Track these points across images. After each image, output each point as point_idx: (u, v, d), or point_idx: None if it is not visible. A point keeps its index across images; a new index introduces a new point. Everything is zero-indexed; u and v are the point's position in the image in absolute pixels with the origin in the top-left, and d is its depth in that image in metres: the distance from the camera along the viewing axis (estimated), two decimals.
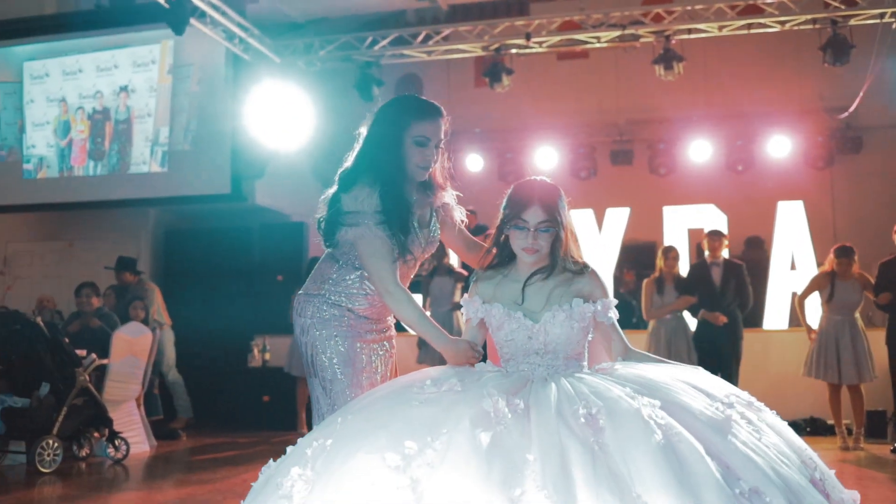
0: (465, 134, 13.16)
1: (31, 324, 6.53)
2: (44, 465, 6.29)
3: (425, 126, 3.06)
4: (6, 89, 11.36)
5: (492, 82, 9.10)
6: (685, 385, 2.65)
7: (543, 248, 2.83)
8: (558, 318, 2.82)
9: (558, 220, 2.84)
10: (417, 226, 3.10)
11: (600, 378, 2.67)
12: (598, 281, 2.92)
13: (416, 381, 2.66)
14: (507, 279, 2.94)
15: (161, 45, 10.66)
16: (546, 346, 2.83)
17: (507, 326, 2.87)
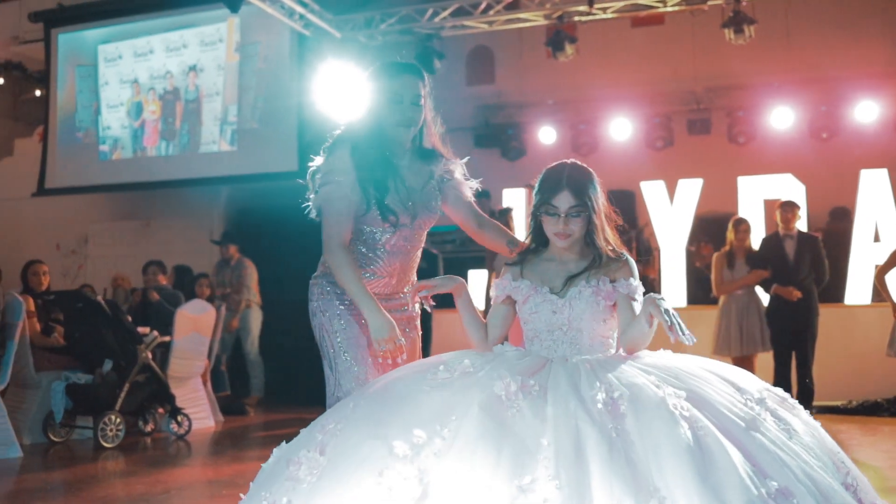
0: (538, 106, 12.93)
1: (93, 302, 6.65)
2: (107, 441, 6.41)
3: (397, 83, 3.00)
4: (82, 72, 11.61)
5: (555, 51, 8.85)
6: (715, 377, 2.51)
7: (575, 233, 2.75)
8: (584, 294, 2.72)
9: (589, 205, 2.73)
10: (406, 189, 2.99)
11: (625, 363, 2.55)
12: (629, 268, 2.79)
13: (431, 366, 2.58)
14: (539, 258, 2.86)
15: (228, 24, 10.72)
16: (570, 322, 2.72)
17: (532, 300, 2.78)
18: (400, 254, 3.04)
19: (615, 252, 2.81)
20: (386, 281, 3.04)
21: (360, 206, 2.95)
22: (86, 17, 11.43)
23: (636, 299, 2.74)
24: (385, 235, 2.99)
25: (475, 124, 13.31)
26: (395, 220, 2.95)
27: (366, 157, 2.96)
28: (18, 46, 12.23)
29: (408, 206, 2.99)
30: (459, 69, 13.52)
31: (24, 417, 6.66)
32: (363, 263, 3.01)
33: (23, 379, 6.67)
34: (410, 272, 3.12)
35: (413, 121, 3.02)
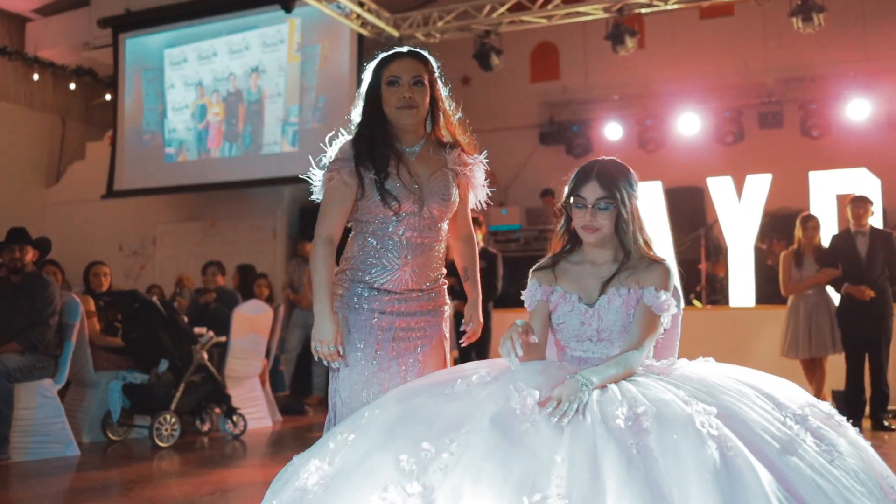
0: (603, 102, 12.71)
1: (149, 303, 6.71)
2: (162, 440, 6.46)
3: (393, 66, 2.93)
4: (148, 76, 11.82)
5: (615, 45, 8.63)
6: (753, 392, 2.34)
7: (604, 228, 2.62)
8: (614, 304, 2.60)
9: (618, 197, 2.59)
10: (410, 175, 2.90)
11: (654, 378, 2.40)
12: (665, 276, 2.64)
13: (450, 377, 2.47)
14: (571, 261, 2.75)
15: (289, 25, 10.77)
16: (599, 332, 2.61)
17: (560, 308, 2.67)
18: (412, 247, 2.91)
19: (653, 256, 2.68)
20: (399, 276, 2.91)
21: (359, 191, 2.88)
22: (152, 22, 11.64)
23: (660, 314, 2.59)
24: (394, 226, 2.89)
25: (539, 121, 13.17)
26: (398, 205, 2.85)
27: (366, 141, 2.90)
28: (89, 52, 12.52)
29: (413, 190, 2.88)
30: (523, 66, 13.38)
31: (84, 416, 6.75)
32: (374, 257, 2.91)
33: (83, 378, 6.77)
34: (428, 269, 2.97)
35: (413, 101, 2.90)
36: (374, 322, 2.90)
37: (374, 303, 2.90)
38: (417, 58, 2.98)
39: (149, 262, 11.60)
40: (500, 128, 13.26)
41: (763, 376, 2.51)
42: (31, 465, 5.75)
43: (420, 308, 2.96)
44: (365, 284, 2.91)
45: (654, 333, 2.60)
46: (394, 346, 2.92)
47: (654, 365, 2.58)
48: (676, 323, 2.94)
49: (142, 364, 6.77)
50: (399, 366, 2.92)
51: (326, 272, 2.86)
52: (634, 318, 2.60)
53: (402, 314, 2.93)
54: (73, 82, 12.81)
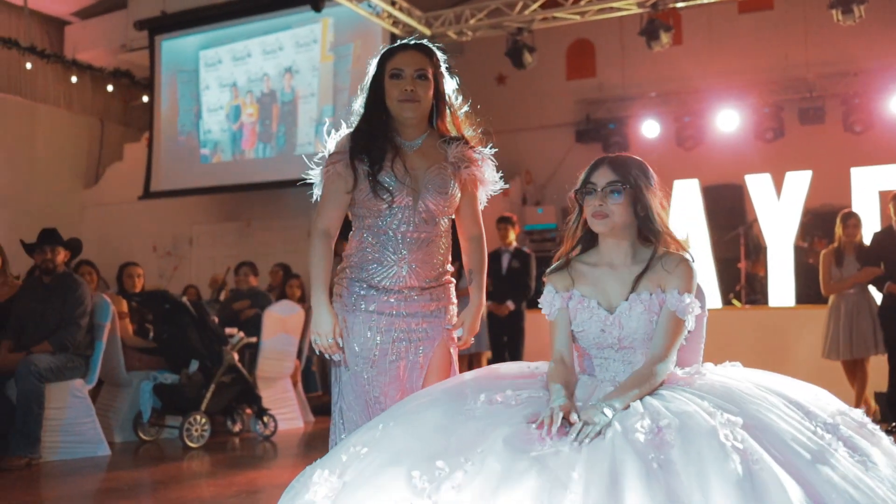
0: (640, 99, 12.54)
1: (179, 303, 6.72)
2: (192, 440, 6.46)
3: (397, 58, 2.89)
4: (183, 78, 11.89)
5: (649, 41, 8.48)
6: (781, 400, 2.23)
7: (614, 215, 2.46)
8: (635, 310, 2.46)
9: (631, 182, 2.46)
10: (405, 168, 2.84)
11: (677, 389, 2.29)
12: (688, 276, 2.49)
13: (472, 392, 2.36)
14: (586, 264, 2.60)
15: (321, 25, 10.77)
16: (621, 340, 2.48)
17: (579, 315, 2.53)
18: (409, 242, 2.86)
19: (675, 251, 2.52)
20: (395, 272, 2.86)
21: (353, 184, 2.84)
22: (187, 24, 11.71)
23: (684, 318, 2.45)
24: (388, 220, 2.84)
25: (576, 119, 13.04)
26: (390, 197, 2.80)
27: (364, 135, 2.86)
28: (126, 54, 12.64)
29: (406, 182, 2.82)
30: (559, 64, 13.26)
31: (116, 416, 6.79)
32: (371, 253, 2.87)
33: (115, 378, 6.80)
34: (427, 265, 2.90)
35: (415, 95, 2.85)
36: (373, 324, 2.86)
37: (372, 303, 2.86)
38: (422, 50, 2.93)
39: (182, 263, 11.66)
40: (536, 126, 13.16)
41: (792, 383, 2.39)
42: (61, 465, 5.79)
43: (421, 308, 2.89)
44: (363, 282, 2.87)
45: (679, 340, 2.48)
46: (393, 349, 2.87)
47: (678, 373, 2.46)
48: (701, 325, 2.83)
49: (172, 364, 6.78)
50: (398, 369, 2.87)
51: (323, 265, 2.85)
52: (658, 325, 2.46)
53: (401, 315, 2.87)
54: (110, 84, 12.94)
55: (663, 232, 2.52)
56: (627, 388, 2.27)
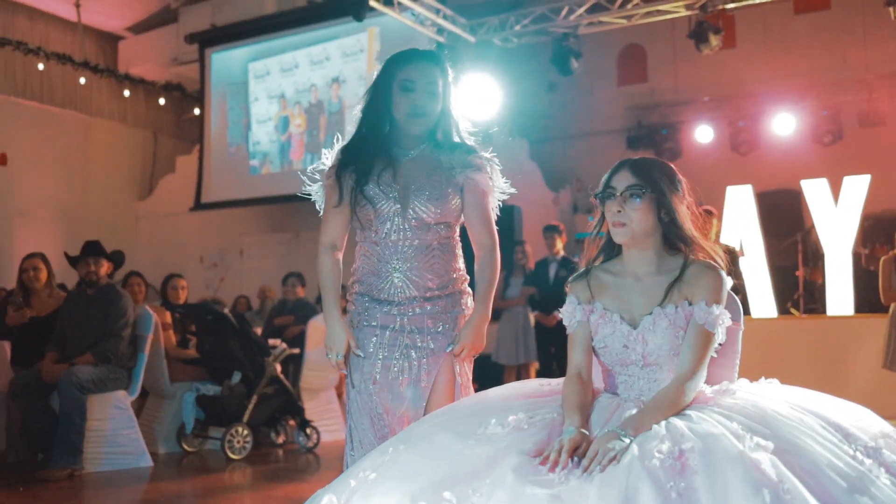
0: (693, 104, 12.32)
1: (221, 315, 6.71)
2: (234, 452, 6.44)
3: (409, 70, 2.79)
4: (232, 90, 11.99)
5: (698, 44, 8.26)
6: (817, 421, 2.06)
7: (633, 223, 2.30)
8: (660, 325, 2.29)
9: (653, 188, 2.31)
10: (393, 179, 2.77)
11: (706, 410, 2.12)
12: (717, 285, 2.31)
13: (484, 415, 2.23)
14: (609, 273, 2.44)
15: (368, 34, 10.76)
16: (645, 357, 2.31)
17: (601, 330, 2.37)
18: (401, 250, 2.79)
19: (703, 259, 2.35)
20: (391, 281, 2.79)
21: (337, 199, 2.81)
22: (236, 36, 11.81)
23: (714, 331, 2.27)
24: (378, 228, 2.79)
25: (627, 125, 12.87)
26: (372, 209, 2.76)
27: (354, 150, 2.82)
28: (177, 67, 12.80)
29: (392, 191, 2.76)
30: (610, 69, 13.10)
31: (160, 427, 6.80)
32: (369, 264, 2.83)
33: (159, 389, 6.82)
34: (427, 273, 2.81)
35: (426, 110, 2.78)
36: (376, 339, 2.79)
37: (375, 317, 2.80)
38: (434, 62, 2.85)
39: (229, 273, 11.74)
40: (587, 133, 13.02)
41: (831, 402, 2.22)
42: (104, 476, 5.80)
43: (428, 324, 2.80)
44: (366, 295, 2.82)
45: (708, 354, 2.30)
46: (396, 365, 2.79)
47: (706, 391, 2.29)
48: (735, 338, 2.66)
49: (215, 376, 6.78)
50: (401, 385, 2.78)
51: (332, 279, 2.84)
52: (686, 340, 2.27)
53: (405, 331, 2.79)
54: (162, 97, 13.11)
55: (692, 239, 2.36)
56: (650, 412, 2.12)
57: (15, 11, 11.81)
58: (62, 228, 10.86)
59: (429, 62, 2.82)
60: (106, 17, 12.54)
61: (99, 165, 12.72)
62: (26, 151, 11.63)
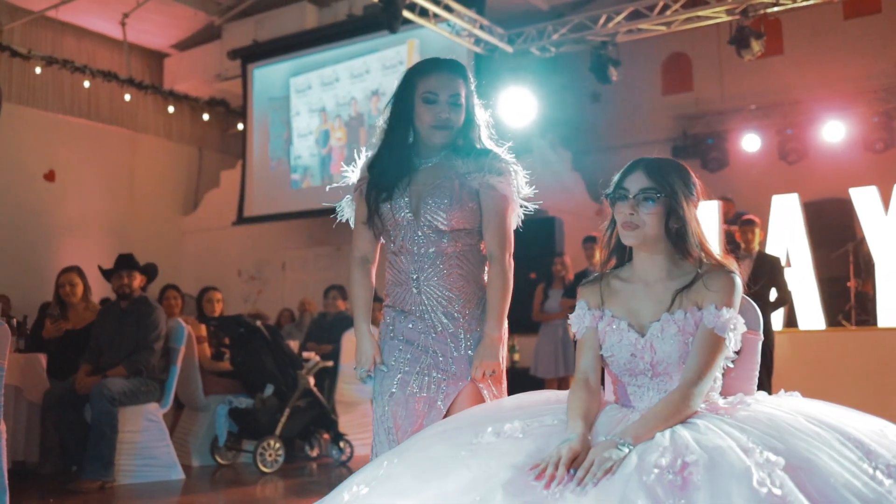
0: (740, 112, 12.07)
1: (253, 327, 6.70)
2: (265, 465, 6.41)
3: (432, 81, 2.73)
4: (274, 104, 12.07)
5: (739, 50, 8.06)
6: (835, 436, 1.92)
7: (646, 226, 2.19)
8: (668, 332, 2.18)
9: (668, 192, 2.19)
10: (408, 186, 2.74)
11: (715, 420, 2.00)
12: (728, 288, 2.20)
13: (480, 423, 2.15)
14: (620, 280, 2.34)
15: (407, 46, 10.75)
16: (654, 367, 2.20)
17: (609, 339, 2.28)
18: (415, 258, 2.74)
19: (717, 262, 2.24)
20: (407, 289, 2.75)
21: (365, 213, 2.81)
22: (278, 51, 11.90)
23: (724, 335, 2.14)
24: (395, 235, 2.77)
25: (673, 135, 12.65)
26: (388, 219, 2.75)
27: (380, 164, 2.80)
28: (221, 83, 12.94)
29: (405, 198, 2.73)
30: (654, 78, 12.91)
31: (194, 440, 6.80)
32: (392, 273, 2.81)
33: (193, 402, 6.83)
34: (441, 283, 2.74)
35: (450, 122, 2.73)
36: (399, 354, 2.75)
37: (401, 332, 2.76)
38: (456, 72, 2.79)
39: (269, 286, 11.77)
40: (632, 143, 12.82)
41: (854, 416, 2.07)
42: (135, 488, 5.80)
43: (451, 343, 2.73)
44: (392, 308, 2.79)
45: (717, 360, 2.16)
46: (414, 381, 2.73)
47: (719, 402, 2.17)
48: (754, 349, 2.53)
49: (249, 388, 6.77)
50: (417, 403, 2.71)
51: (362, 293, 2.83)
52: (694, 344, 2.16)
53: (430, 350, 2.72)
54: (206, 113, 13.26)
55: (700, 250, 2.24)
56: (653, 420, 2.01)
57: (64, 31, 12.04)
58: (109, 243, 11.01)
59: (451, 72, 2.77)
60: (152, 35, 12.74)
61: (145, 181, 12.90)
62: (74, 168, 11.84)
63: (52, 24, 11.71)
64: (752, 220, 7.50)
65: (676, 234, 2.22)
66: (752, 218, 7.54)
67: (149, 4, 11.58)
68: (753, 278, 7.36)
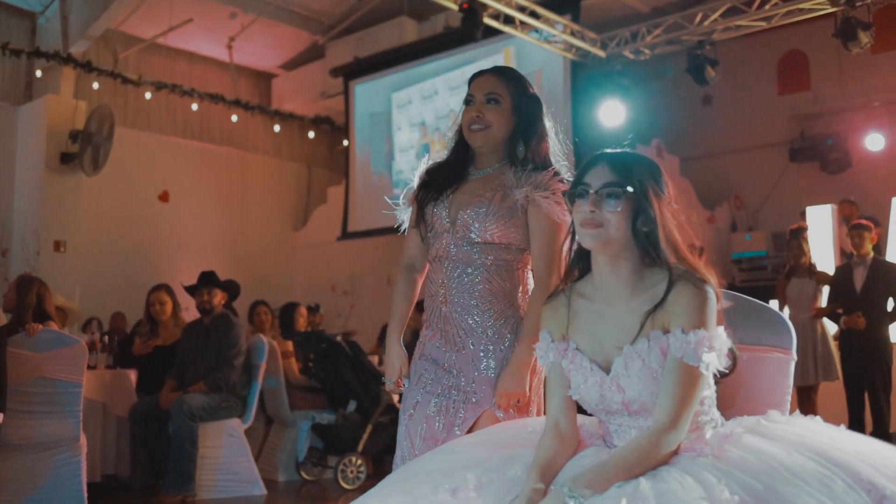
0: (862, 110, 11.35)
1: (334, 343, 6.69)
2: (347, 482, 6.36)
3: (472, 84, 2.68)
4: (376, 119, 12.14)
5: (845, 42, 7.53)
6: (842, 477, 1.63)
7: (609, 226, 1.87)
8: (633, 368, 1.86)
9: (636, 187, 1.89)
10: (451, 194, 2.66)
11: (692, 464, 1.72)
12: (697, 302, 1.83)
13: (448, 468, 1.93)
14: (582, 297, 2.01)
15: (504, 55, 10.60)
16: (627, 406, 1.89)
17: (573, 377, 1.97)
18: (444, 262, 2.63)
19: (688, 268, 1.89)
20: (434, 304, 2.67)
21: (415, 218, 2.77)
22: (378, 67, 11.96)
23: (697, 365, 1.79)
24: (434, 244, 2.69)
25: (789, 137, 12.03)
26: (430, 223, 2.70)
27: (436, 168, 2.77)
28: (325, 101, 13.12)
29: (444, 205, 2.65)
30: (769, 79, 12.32)
31: (280, 455, 6.84)
32: (428, 288, 2.72)
33: (281, 418, 6.88)
34: (463, 292, 2.59)
35: (483, 120, 2.61)
36: (424, 374, 2.65)
37: (428, 350, 2.67)
38: (498, 73, 2.70)
39: (359, 301, 11.78)
40: (746, 148, 12.27)
41: (878, 451, 1.75)
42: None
43: (473, 362, 2.58)
44: (427, 322, 2.71)
45: (694, 395, 1.81)
46: (433, 403, 2.61)
47: (706, 436, 1.85)
48: (785, 371, 2.25)
49: (333, 404, 6.76)
50: (434, 425, 2.57)
51: (399, 302, 2.76)
52: (663, 379, 1.81)
53: (451, 370, 2.60)
54: (312, 131, 13.48)
55: (678, 256, 1.91)
56: (612, 468, 1.73)
57: (175, 57, 12.50)
58: (222, 261, 11.30)
59: (493, 74, 2.70)
60: (259, 56, 13.06)
61: (256, 199, 13.21)
62: (187, 188, 12.23)
63: (164, 50, 12.17)
64: (862, 223, 7.00)
65: (647, 238, 1.89)
66: (861, 222, 7.05)
67: (254, 27, 11.86)
68: (867, 287, 6.86)
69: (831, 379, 7.08)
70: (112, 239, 11.22)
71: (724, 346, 1.86)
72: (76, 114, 10.48)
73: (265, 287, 11.17)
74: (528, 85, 2.73)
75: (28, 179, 10.63)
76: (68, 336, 5.17)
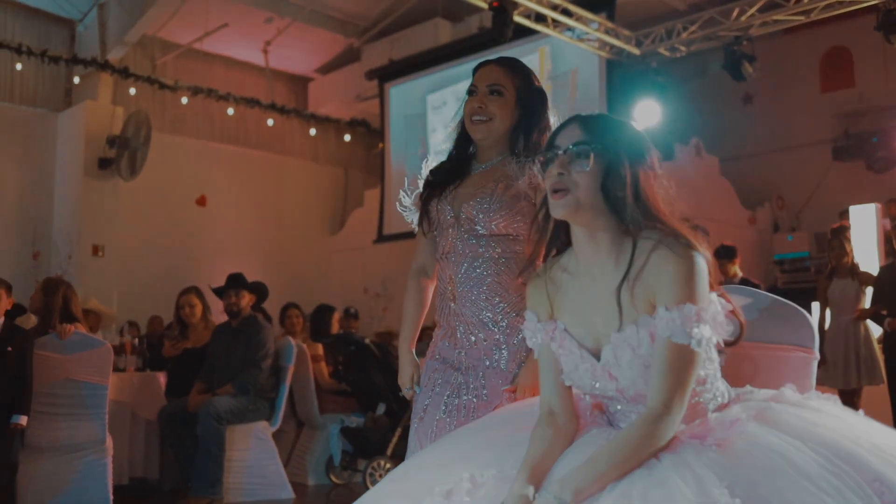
0: None
1: (363, 345, 6.63)
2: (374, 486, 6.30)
3: (475, 76, 2.59)
4: (411, 122, 12.10)
5: (887, 36, 7.31)
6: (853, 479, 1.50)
7: (580, 188, 1.70)
8: (623, 358, 1.70)
9: (606, 142, 1.72)
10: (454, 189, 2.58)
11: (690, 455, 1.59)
12: (683, 272, 1.64)
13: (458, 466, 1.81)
14: (565, 272, 1.84)
15: (539, 54, 10.49)
16: (622, 393, 1.75)
17: (564, 362, 1.82)
18: (450, 256, 2.54)
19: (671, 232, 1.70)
20: (444, 302, 2.58)
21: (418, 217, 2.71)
22: (413, 69, 11.93)
23: (688, 342, 1.62)
24: (440, 241, 2.60)
25: (833, 135, 11.77)
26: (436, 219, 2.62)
27: (441, 166, 2.72)
28: (361, 104, 13.13)
29: (447, 200, 2.58)
30: (812, 76, 12.07)
31: (310, 458, 6.79)
32: (439, 287, 2.63)
33: (311, 421, 6.83)
34: (471, 285, 2.50)
35: (484, 111, 2.53)
36: (434, 375, 2.57)
37: (439, 351, 2.59)
38: (504, 64, 2.61)
39: (391, 304, 11.68)
40: (788, 146, 12.03)
41: (889, 446, 1.60)
42: None
43: (484, 354, 2.50)
44: (440, 321, 2.64)
45: (688, 377, 1.64)
46: (443, 405, 2.52)
47: (710, 421, 1.68)
48: (807, 370, 2.13)
49: (363, 407, 6.70)
50: (445, 426, 2.48)
51: (410, 307, 2.70)
52: (654, 362, 1.65)
53: (462, 368, 2.51)
54: (348, 134, 13.48)
55: (660, 216, 1.72)
56: (602, 464, 1.59)
57: (212, 62, 12.58)
58: (259, 264, 11.35)
59: (498, 65, 2.61)
60: (296, 60, 13.11)
61: (293, 202, 13.24)
62: (224, 192, 12.30)
63: (200, 55, 12.26)
64: None
65: (616, 202, 1.71)
66: None
67: (290, 31, 11.90)
68: None
69: (876, 382, 6.86)
70: (150, 243, 11.32)
71: (720, 314, 1.67)
72: (114, 119, 10.59)
73: (301, 291, 11.16)
74: (534, 77, 2.65)
75: (67, 185, 10.77)
76: (94, 338, 5.18)
